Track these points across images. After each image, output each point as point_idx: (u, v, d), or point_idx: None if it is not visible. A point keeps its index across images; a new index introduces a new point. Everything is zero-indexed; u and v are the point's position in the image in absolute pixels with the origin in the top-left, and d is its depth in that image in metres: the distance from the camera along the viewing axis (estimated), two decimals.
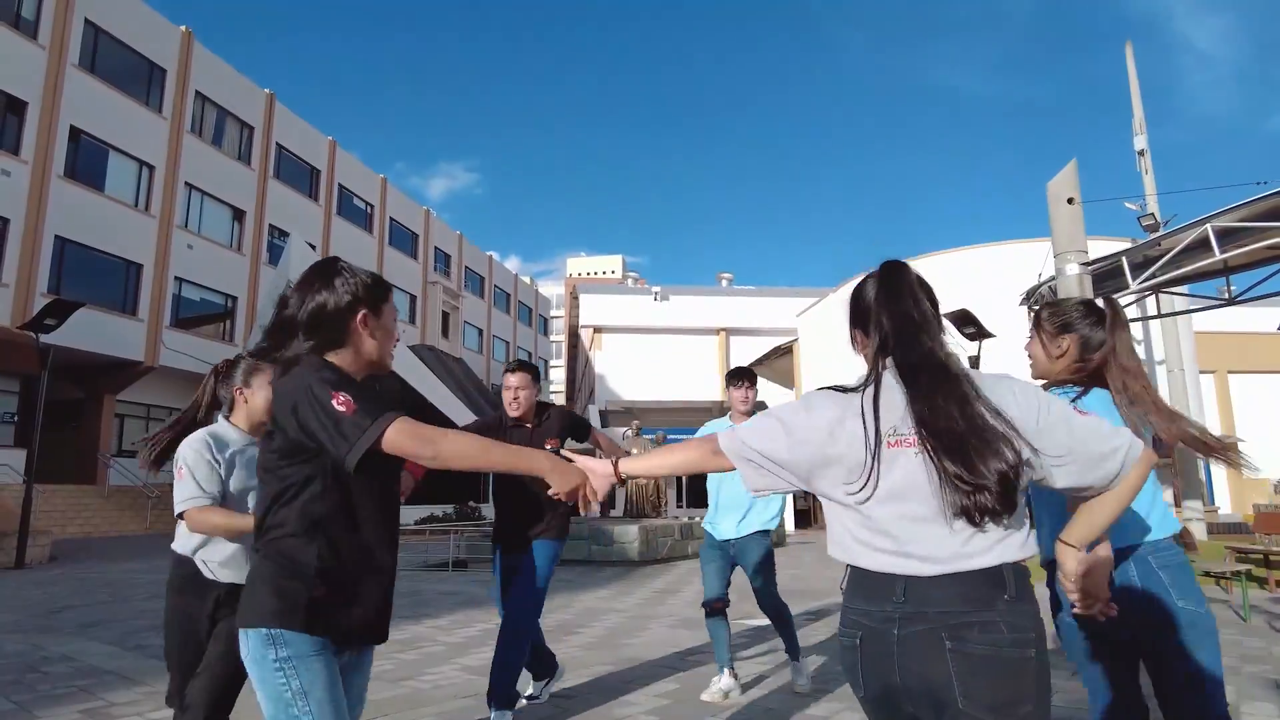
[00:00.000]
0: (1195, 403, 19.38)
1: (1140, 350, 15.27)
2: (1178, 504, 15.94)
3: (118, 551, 15.13)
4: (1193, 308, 11.28)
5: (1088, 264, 7.56)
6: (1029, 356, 2.17)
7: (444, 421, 26.18)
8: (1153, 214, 15.15)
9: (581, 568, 11.88)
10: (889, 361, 1.51)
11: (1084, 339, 2.02)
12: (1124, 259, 7.54)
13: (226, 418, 2.57)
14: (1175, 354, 15.72)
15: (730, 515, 4.22)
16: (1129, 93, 16.27)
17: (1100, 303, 2.05)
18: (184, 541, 2.46)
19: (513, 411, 3.83)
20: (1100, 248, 8.96)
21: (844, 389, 1.55)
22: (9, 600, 8.40)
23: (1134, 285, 7.50)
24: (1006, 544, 1.39)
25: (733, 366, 4.42)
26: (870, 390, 1.49)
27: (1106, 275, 8.57)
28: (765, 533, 4.25)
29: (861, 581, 1.48)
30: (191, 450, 2.42)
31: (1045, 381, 2.12)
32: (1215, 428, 29.50)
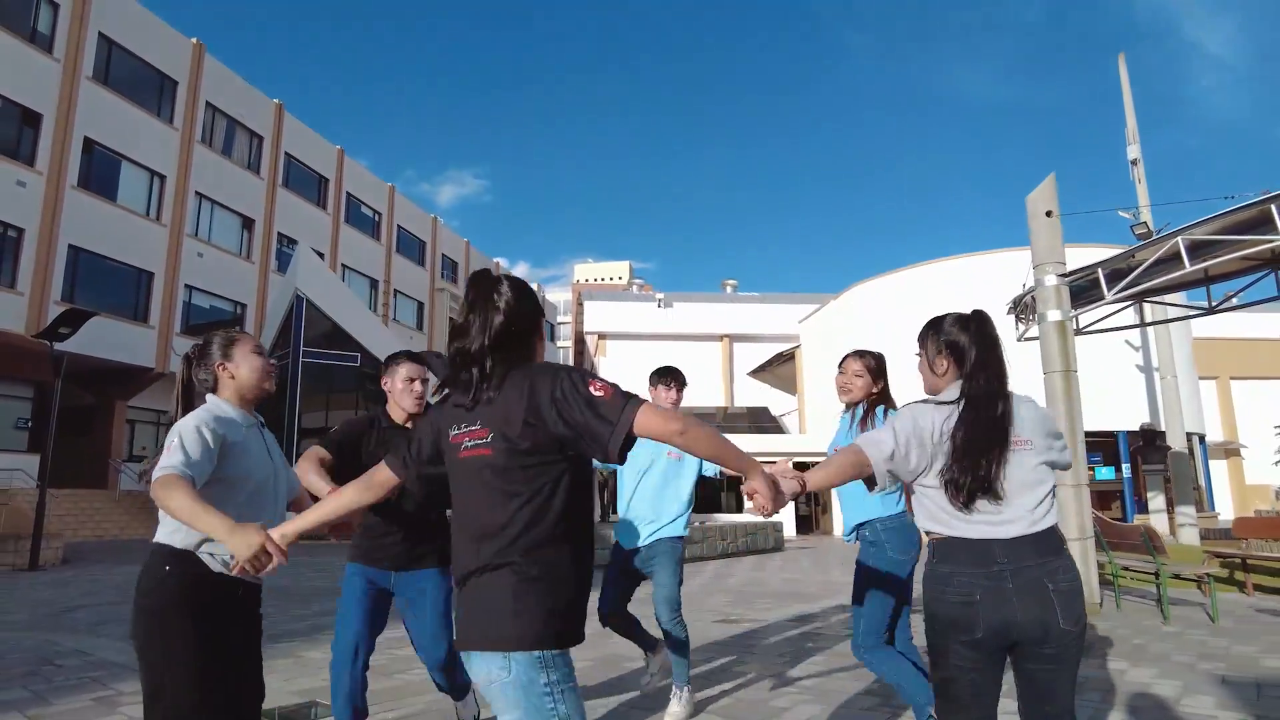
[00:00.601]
0: (1190, 408, 19.51)
1: (1138, 357, 15.35)
2: (1170, 509, 16.09)
3: (127, 555, 15.46)
4: (1172, 317, 11.45)
5: (1065, 275, 7.78)
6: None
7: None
8: (1145, 223, 15.34)
9: None
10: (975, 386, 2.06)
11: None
12: (1100, 270, 7.77)
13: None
14: (1168, 361, 15.89)
15: (643, 524, 4.03)
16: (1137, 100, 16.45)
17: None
18: (186, 533, 2.09)
19: (411, 408, 3.25)
20: (1091, 255, 9.11)
21: (939, 402, 2.10)
22: (24, 600, 8.71)
23: (1109, 296, 7.71)
24: (1052, 510, 2.02)
25: (661, 367, 4.18)
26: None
27: (1089, 285, 8.77)
28: (678, 539, 4.05)
29: (959, 548, 2.00)
30: (189, 423, 2.16)
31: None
32: (1217, 434, 29.53)
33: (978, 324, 2.12)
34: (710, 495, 29.33)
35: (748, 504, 1.97)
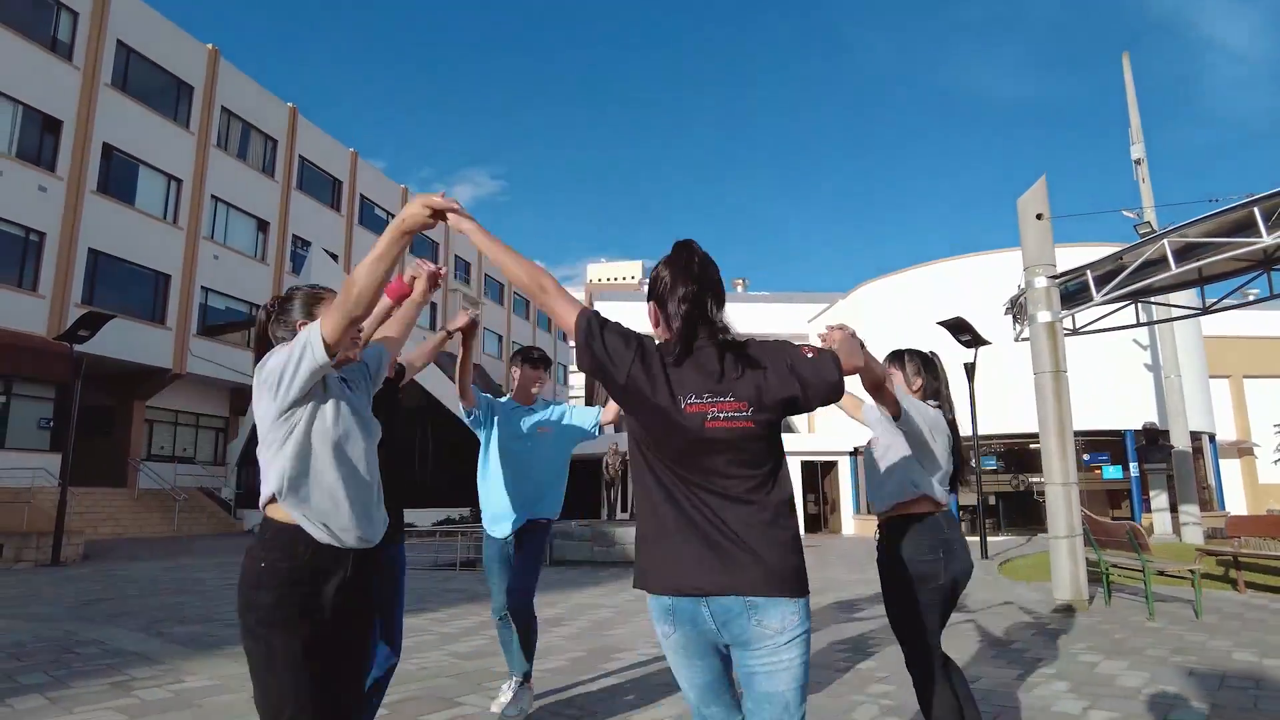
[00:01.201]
0: (1199, 407, 19.45)
1: (1146, 356, 15.36)
2: (1174, 509, 16.12)
3: (145, 551, 15.84)
4: (1169, 317, 11.51)
5: (1055, 277, 7.91)
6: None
7: (458, 426, 26.71)
8: (1149, 222, 15.37)
9: (583, 568, 12.35)
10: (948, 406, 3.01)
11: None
12: (1089, 272, 7.89)
13: None
14: (1172, 361, 15.91)
15: (516, 512, 3.86)
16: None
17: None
18: (289, 505, 1.94)
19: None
20: (1095, 254, 9.15)
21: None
22: (46, 594, 9.04)
23: (1097, 298, 7.83)
24: None
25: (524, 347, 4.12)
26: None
27: (1085, 286, 8.87)
28: (549, 523, 4.02)
29: (931, 519, 2.78)
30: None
31: None
32: (1230, 433, 29.34)
33: (939, 363, 3.09)
34: None
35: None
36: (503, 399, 4.07)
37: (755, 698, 1.71)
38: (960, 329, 13.93)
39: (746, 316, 40.79)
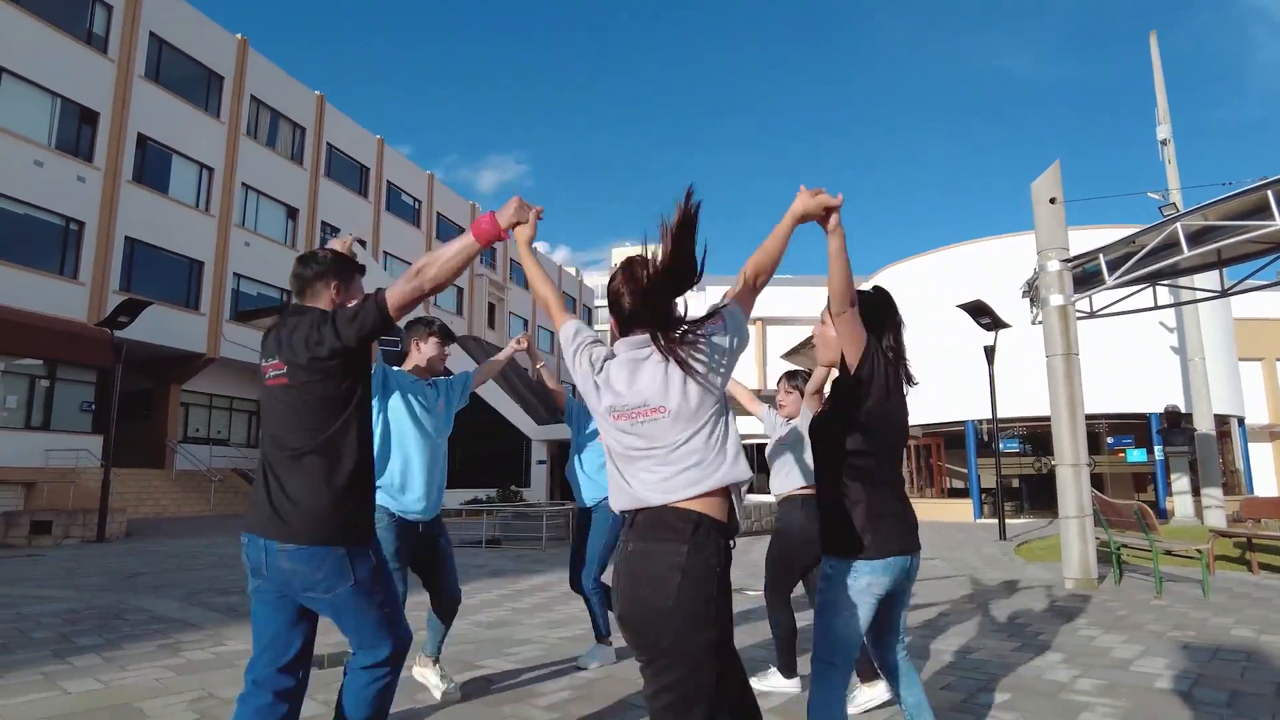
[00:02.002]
0: (1226, 390, 19.25)
1: (1173, 339, 15.27)
2: (1196, 492, 16.05)
3: (183, 530, 16.44)
4: (1187, 300, 11.45)
5: (1068, 261, 7.97)
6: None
7: (487, 410, 27.10)
8: (1174, 204, 15.24)
9: None
10: None
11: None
12: (1101, 256, 7.93)
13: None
14: (1196, 343, 15.79)
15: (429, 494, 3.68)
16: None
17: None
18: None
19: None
20: (1117, 236, 9.08)
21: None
22: (95, 567, 9.52)
23: (1109, 281, 7.88)
24: None
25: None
26: None
27: (1098, 270, 8.89)
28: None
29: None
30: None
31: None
32: (1262, 416, 28.90)
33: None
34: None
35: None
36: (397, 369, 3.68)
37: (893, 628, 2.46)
38: (980, 312, 13.95)
39: (769, 300, 40.74)
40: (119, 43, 22.59)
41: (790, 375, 4.09)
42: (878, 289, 2.55)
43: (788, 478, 3.91)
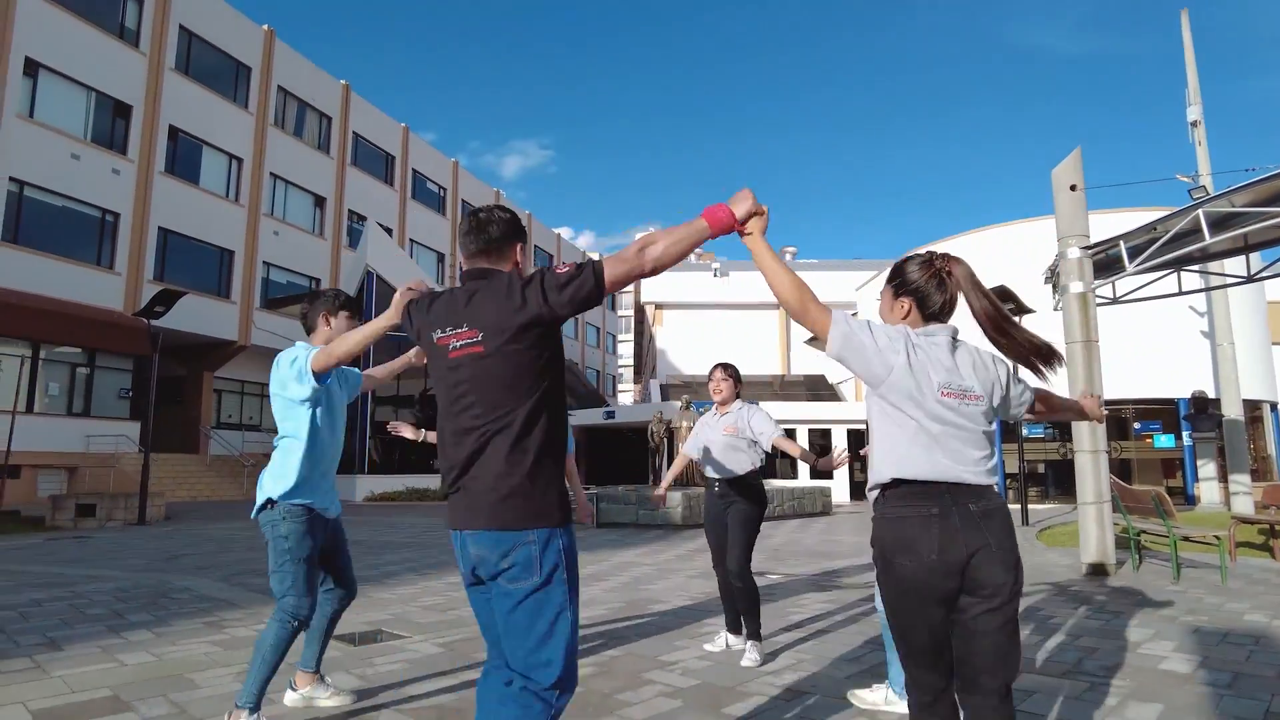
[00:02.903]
0: (1257, 375, 19.00)
1: (1203, 323, 15.20)
2: (1223, 478, 15.91)
3: (219, 513, 16.92)
4: (1211, 286, 11.35)
5: (1088, 248, 7.97)
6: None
7: None
8: (1204, 187, 15.03)
9: (628, 530, 12.88)
10: None
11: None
12: (1122, 243, 7.93)
13: None
14: (1225, 328, 15.61)
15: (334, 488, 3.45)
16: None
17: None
18: None
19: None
20: (1139, 219, 9.00)
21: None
22: (138, 548, 9.91)
23: (1130, 268, 7.88)
24: None
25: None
26: None
27: (1129, 254, 8.84)
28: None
29: None
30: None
31: None
32: None
33: None
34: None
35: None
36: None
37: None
38: (1004, 297, 13.89)
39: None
40: (150, 36, 23.01)
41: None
42: None
43: None
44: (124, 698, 3.49)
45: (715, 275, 41.24)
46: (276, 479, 3.14)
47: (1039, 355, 2.13)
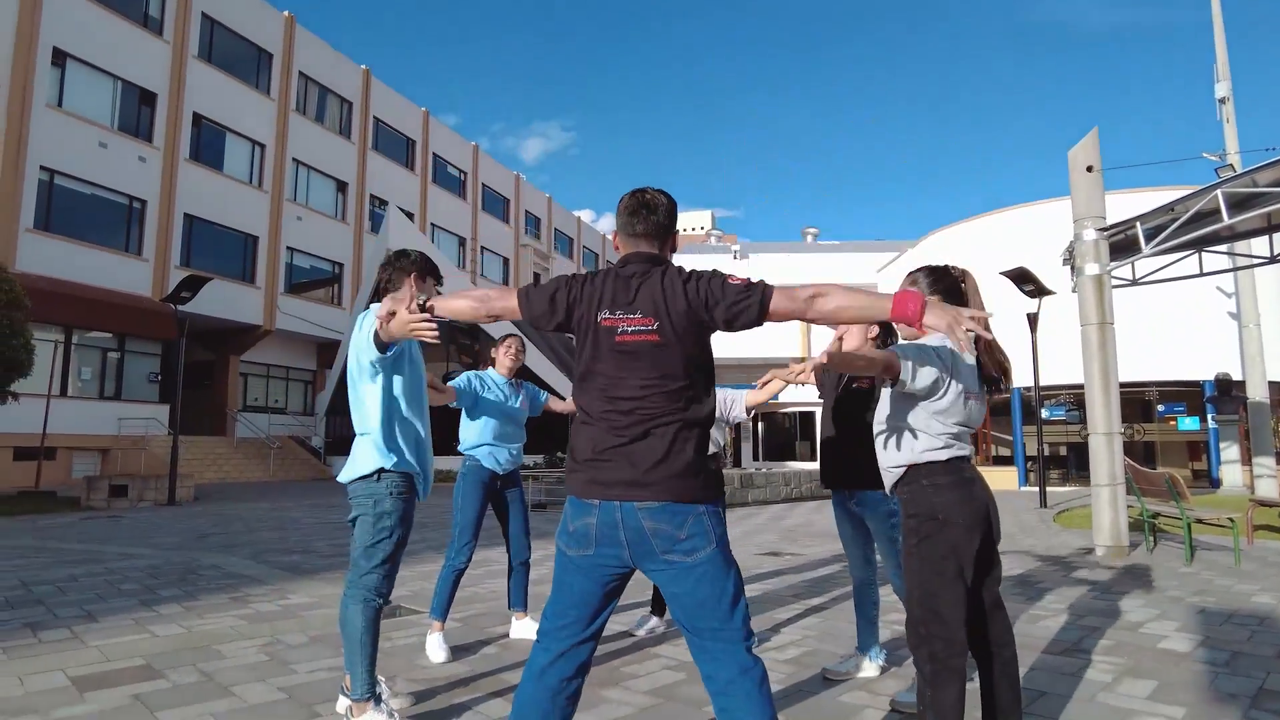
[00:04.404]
0: None
1: (1230, 304, 14.98)
2: (1247, 461, 15.73)
3: (246, 494, 17.31)
4: (1233, 267, 11.19)
5: (1104, 229, 7.92)
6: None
7: (531, 377, 27.80)
8: (1231, 165, 14.78)
9: None
10: None
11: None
12: (1138, 225, 7.86)
13: None
14: (1250, 309, 15.39)
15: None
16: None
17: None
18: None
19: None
20: (1162, 199, 8.87)
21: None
22: (168, 528, 10.21)
23: (1147, 250, 7.82)
24: None
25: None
26: None
27: (1147, 235, 8.77)
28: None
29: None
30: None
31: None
32: None
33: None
34: (784, 443, 29.85)
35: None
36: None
37: None
38: (1023, 279, 13.80)
39: (813, 267, 40.54)
40: (173, 24, 23.28)
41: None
42: None
43: None
44: (156, 666, 3.67)
45: (735, 257, 41.14)
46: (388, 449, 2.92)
47: (1003, 374, 2.58)
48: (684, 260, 46.95)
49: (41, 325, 19.36)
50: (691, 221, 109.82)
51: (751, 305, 1.98)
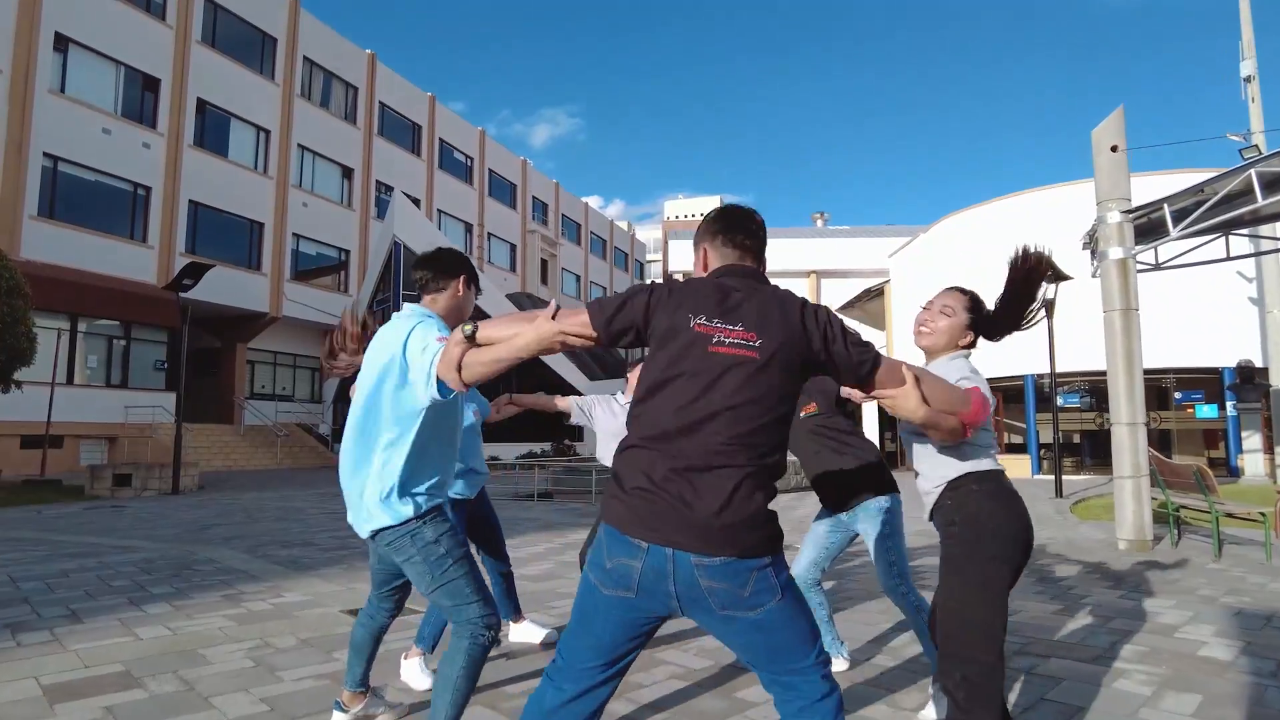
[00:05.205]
0: None
1: (1251, 289, 14.60)
2: (1269, 450, 15.40)
3: (252, 482, 17.21)
4: (1260, 251, 10.84)
5: (1129, 211, 7.61)
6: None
7: (539, 365, 27.57)
8: (1256, 146, 14.37)
9: None
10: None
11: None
12: (1165, 206, 7.54)
13: None
14: (1274, 294, 15.02)
15: None
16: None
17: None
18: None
19: None
20: (1186, 181, 8.53)
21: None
22: (169, 519, 10.08)
23: (1174, 233, 7.50)
24: None
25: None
26: None
27: (1162, 221, 8.46)
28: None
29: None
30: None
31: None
32: None
33: None
34: None
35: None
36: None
37: None
38: (1039, 264, 13.46)
39: (824, 253, 40.12)
40: (176, 8, 23.01)
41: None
42: None
43: None
44: (134, 673, 3.48)
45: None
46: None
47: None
48: (690, 246, 46.59)
49: (47, 313, 19.28)
50: (699, 207, 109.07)
51: (867, 360, 1.85)
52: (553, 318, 1.88)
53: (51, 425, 17.47)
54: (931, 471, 2.34)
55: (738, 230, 1.94)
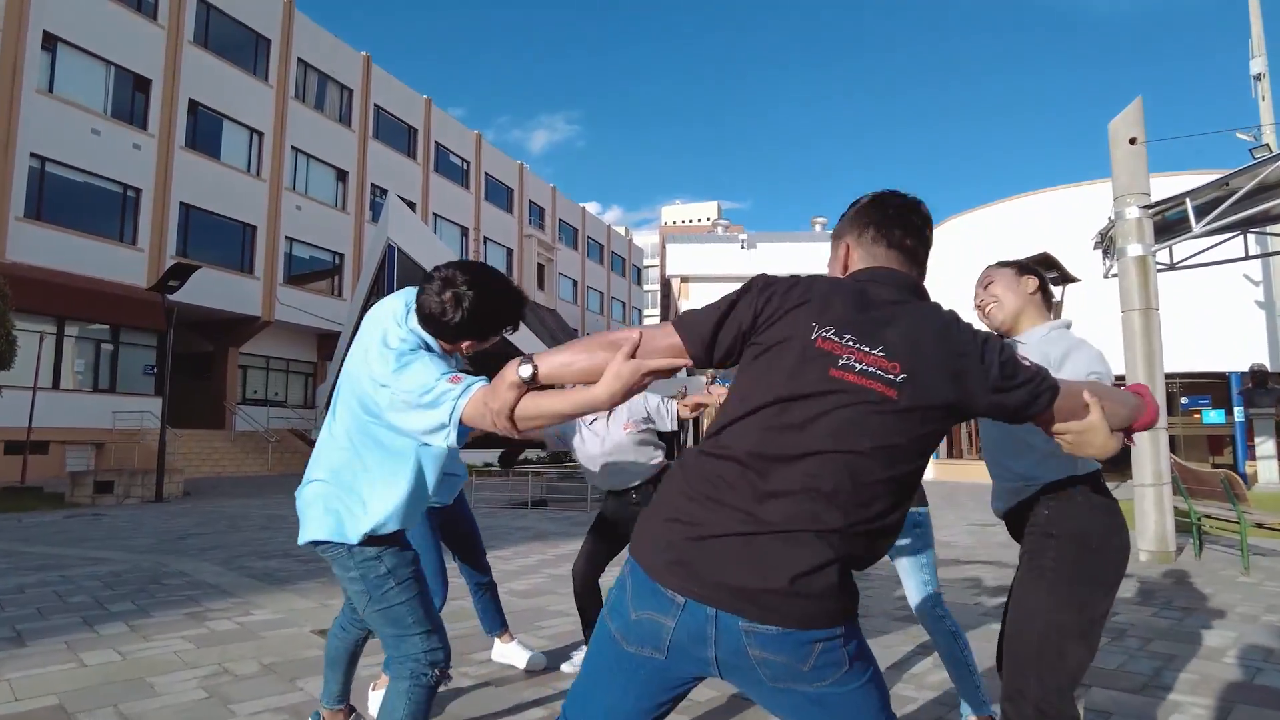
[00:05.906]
0: None
1: (1258, 292, 14.33)
2: None
3: (240, 490, 16.81)
4: (1267, 251, 10.52)
5: (1149, 207, 7.28)
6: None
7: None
8: (1267, 145, 14.09)
9: None
10: None
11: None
12: (1188, 201, 7.22)
13: None
14: None
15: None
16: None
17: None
18: None
19: None
20: (1193, 183, 8.23)
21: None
22: (147, 528, 9.69)
23: (1197, 228, 7.18)
24: None
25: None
26: None
27: (1181, 218, 8.13)
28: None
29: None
30: None
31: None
32: None
33: None
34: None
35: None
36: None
37: None
38: (1046, 265, 13.13)
39: (822, 257, 39.77)
40: (168, 8, 22.67)
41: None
42: None
43: None
44: (69, 708, 3.11)
45: (743, 247, 40.51)
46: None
47: None
48: (689, 250, 46.28)
49: (32, 316, 18.89)
50: (697, 213, 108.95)
51: (1043, 394, 1.37)
52: (633, 354, 1.43)
53: (37, 431, 17.08)
54: (1025, 469, 2.00)
55: (896, 224, 1.49)
